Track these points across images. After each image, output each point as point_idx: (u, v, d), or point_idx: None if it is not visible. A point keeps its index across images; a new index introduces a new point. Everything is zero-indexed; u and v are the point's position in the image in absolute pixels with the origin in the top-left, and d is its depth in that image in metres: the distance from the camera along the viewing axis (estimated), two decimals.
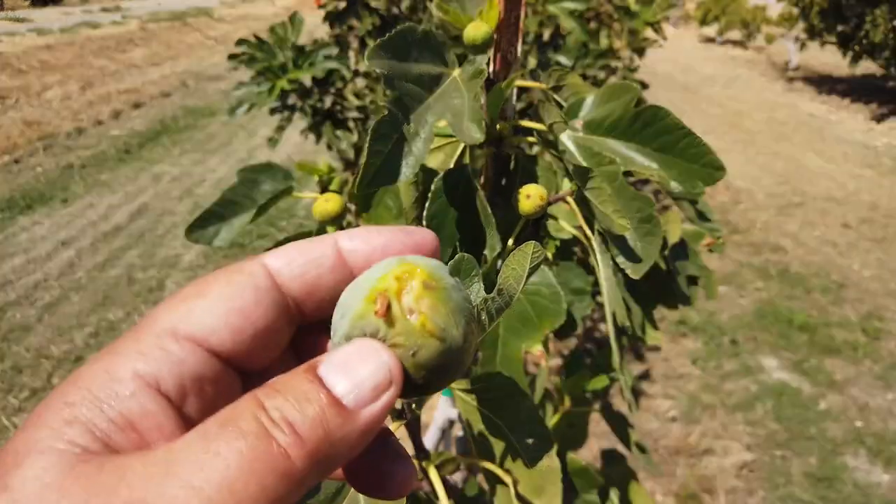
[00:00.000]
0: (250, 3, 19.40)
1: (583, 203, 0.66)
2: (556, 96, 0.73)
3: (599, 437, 2.74)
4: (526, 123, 0.72)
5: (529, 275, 0.57)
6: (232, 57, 2.60)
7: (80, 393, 0.22)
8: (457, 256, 0.60)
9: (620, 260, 0.62)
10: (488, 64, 0.74)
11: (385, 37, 0.60)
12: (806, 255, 4.76)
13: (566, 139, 0.66)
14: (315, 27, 4.66)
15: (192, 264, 4.34)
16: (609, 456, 0.86)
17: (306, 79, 2.81)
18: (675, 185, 0.62)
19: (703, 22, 16.24)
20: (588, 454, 2.63)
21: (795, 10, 11.54)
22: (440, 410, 1.15)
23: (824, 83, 11.24)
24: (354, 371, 0.23)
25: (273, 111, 2.81)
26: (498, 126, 0.73)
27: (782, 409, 3.12)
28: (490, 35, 0.68)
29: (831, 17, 10.09)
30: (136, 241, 4.69)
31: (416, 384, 0.25)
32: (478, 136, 0.60)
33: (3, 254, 4.42)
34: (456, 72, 0.66)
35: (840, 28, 10.12)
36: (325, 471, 0.22)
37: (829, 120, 8.97)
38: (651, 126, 0.61)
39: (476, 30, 0.68)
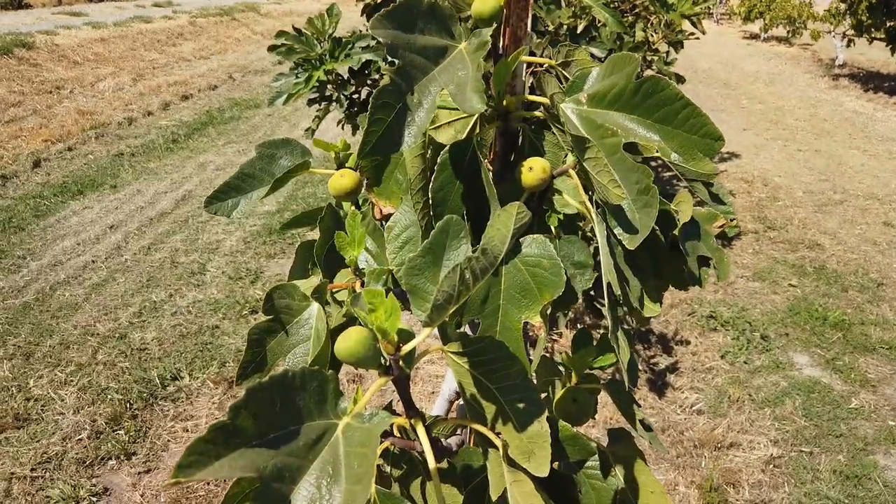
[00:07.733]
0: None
1: (583, 174, 0.66)
2: (564, 71, 0.73)
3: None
4: (533, 98, 0.73)
5: (515, 235, 0.57)
6: (272, 48, 2.66)
7: None
8: (445, 218, 0.62)
9: (618, 231, 0.63)
10: (497, 38, 0.74)
11: (389, 7, 0.61)
12: (844, 253, 4.62)
13: (569, 111, 0.66)
14: (356, 22, 4.71)
15: (233, 249, 4.45)
16: (615, 434, 0.86)
17: (343, 70, 2.84)
18: (675, 157, 0.62)
19: (747, 18, 15.86)
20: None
21: (843, 6, 11.17)
22: (448, 381, 1.16)
23: (871, 80, 10.85)
24: None
25: (311, 102, 2.86)
26: (505, 101, 0.74)
27: (812, 405, 3.04)
28: (498, 9, 0.69)
29: (880, 12, 9.74)
30: (181, 227, 4.83)
31: None
32: (478, 105, 0.61)
33: (54, 236, 4.61)
34: (463, 45, 0.67)
35: (889, 24, 9.77)
36: None
37: (875, 117, 8.68)
38: (651, 97, 0.61)
39: (483, 4, 0.69)
